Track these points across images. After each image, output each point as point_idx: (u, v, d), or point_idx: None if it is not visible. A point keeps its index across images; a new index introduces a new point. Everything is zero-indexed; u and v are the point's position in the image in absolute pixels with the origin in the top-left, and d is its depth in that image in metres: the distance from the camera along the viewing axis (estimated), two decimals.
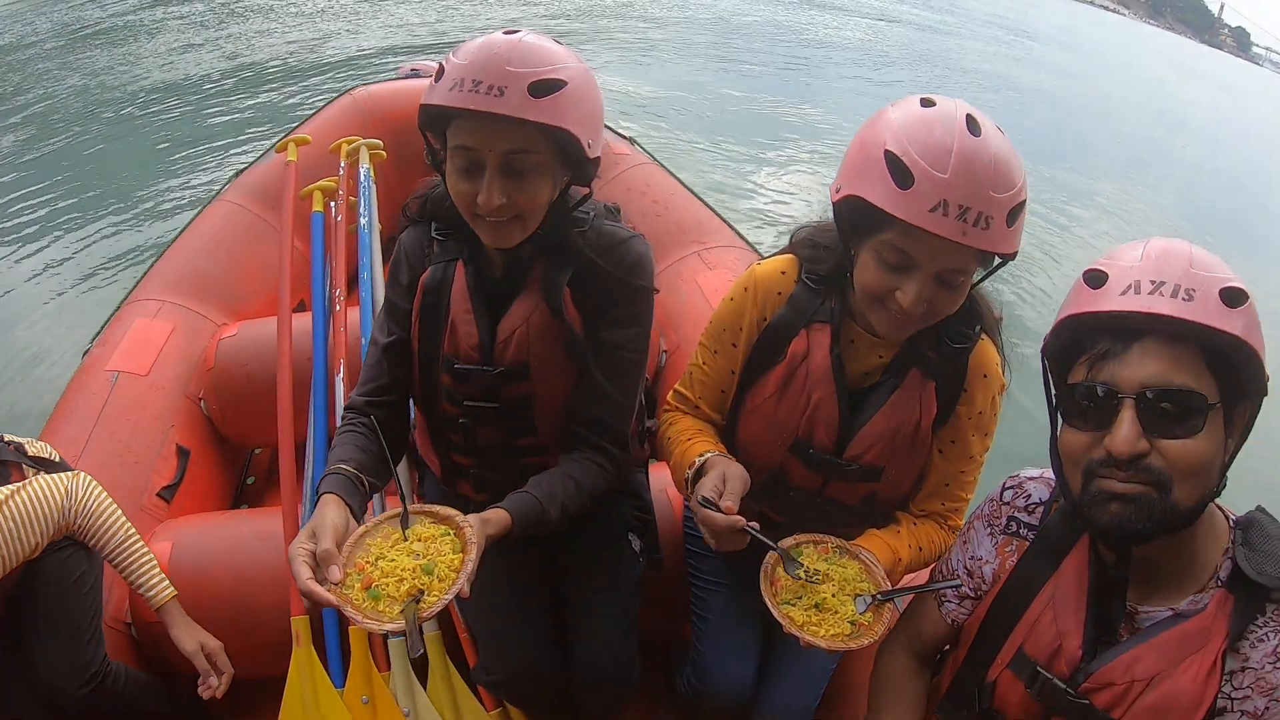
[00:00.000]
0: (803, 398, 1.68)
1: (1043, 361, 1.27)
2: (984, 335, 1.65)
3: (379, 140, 3.50)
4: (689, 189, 3.80)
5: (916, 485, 1.79)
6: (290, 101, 8.74)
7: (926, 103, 1.42)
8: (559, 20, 14.52)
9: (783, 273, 1.74)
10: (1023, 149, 1.40)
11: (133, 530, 2.02)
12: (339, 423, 1.85)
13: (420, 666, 2.14)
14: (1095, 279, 1.17)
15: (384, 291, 2.04)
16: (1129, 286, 1.12)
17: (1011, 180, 1.38)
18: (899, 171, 1.37)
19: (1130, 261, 1.15)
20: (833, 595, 1.48)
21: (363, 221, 3.11)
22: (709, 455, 1.66)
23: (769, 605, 1.46)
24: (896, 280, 1.46)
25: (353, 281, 2.95)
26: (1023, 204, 1.41)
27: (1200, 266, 1.12)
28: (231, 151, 7.34)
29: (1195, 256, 1.13)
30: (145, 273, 3.26)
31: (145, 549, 2.04)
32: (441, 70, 1.49)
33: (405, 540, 1.46)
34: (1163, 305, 1.09)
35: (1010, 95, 15.17)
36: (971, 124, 1.37)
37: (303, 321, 2.82)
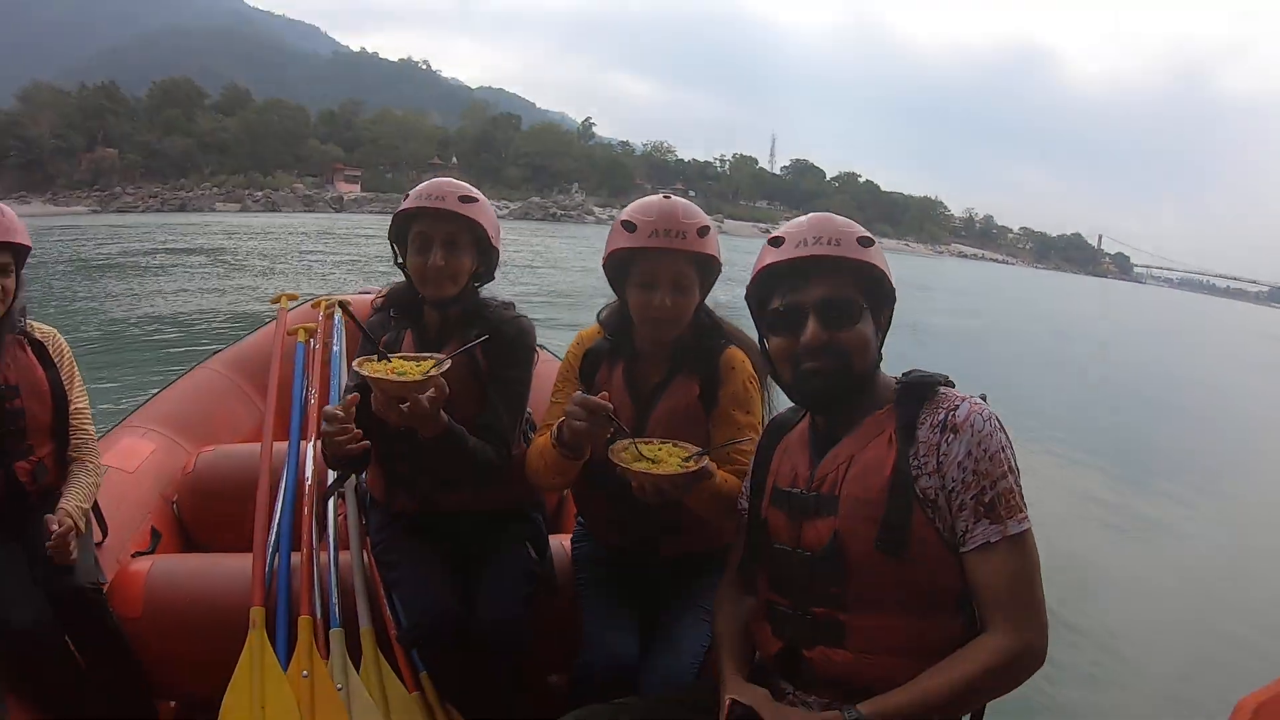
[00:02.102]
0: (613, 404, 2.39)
1: (748, 302, 2.04)
2: (730, 345, 2.52)
3: (349, 299, 4.47)
4: None
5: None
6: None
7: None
8: None
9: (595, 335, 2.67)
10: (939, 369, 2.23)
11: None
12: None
13: (354, 654, 2.63)
14: (776, 241, 1.95)
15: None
16: (800, 242, 1.89)
17: (693, 211, 2.40)
18: (627, 224, 2.37)
19: (798, 228, 1.94)
20: (666, 457, 2.14)
21: (335, 349, 4.05)
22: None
23: (615, 462, 2.09)
24: (650, 294, 2.38)
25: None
26: (708, 227, 2.39)
27: (844, 225, 1.89)
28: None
29: (839, 220, 1.93)
30: (136, 409, 4.01)
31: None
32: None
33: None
34: (821, 250, 1.86)
35: (921, 336, 18.15)
36: (666, 196, 2.45)
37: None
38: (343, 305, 4.15)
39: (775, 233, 1.96)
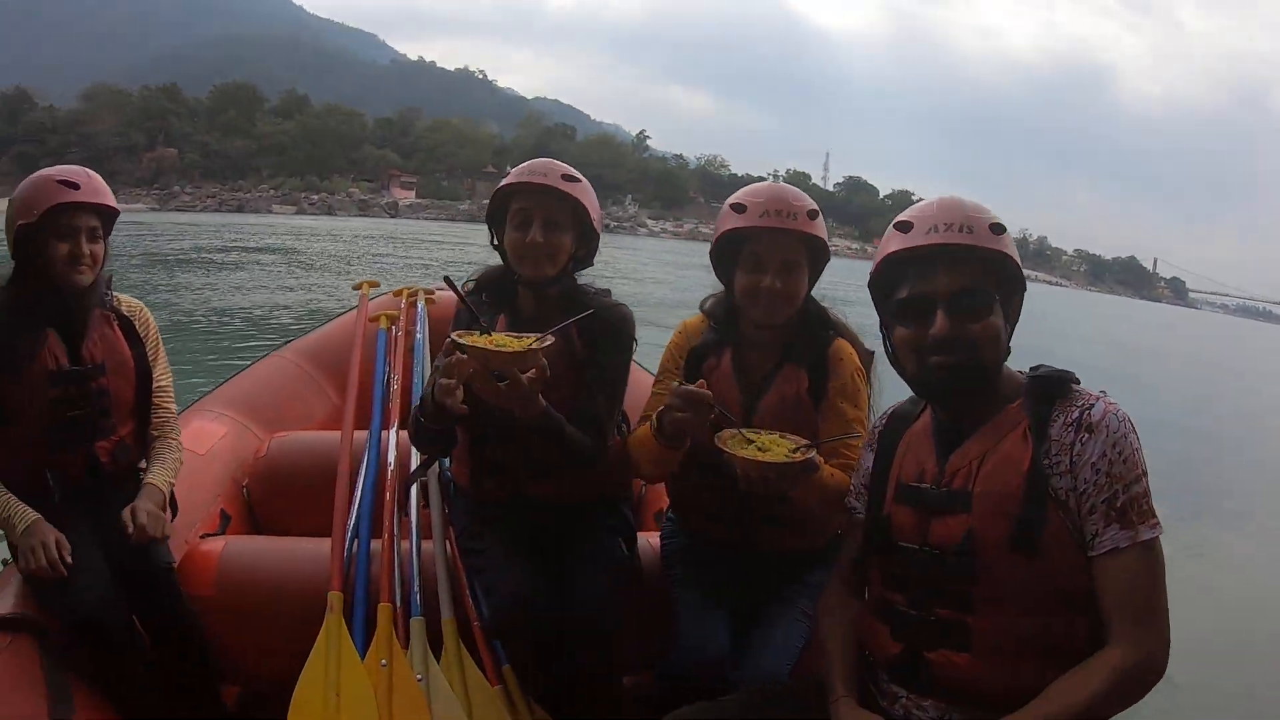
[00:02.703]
0: (717, 393, 2.32)
1: (870, 290, 1.95)
2: (838, 337, 2.48)
3: (432, 289, 4.52)
4: None
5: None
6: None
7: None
8: None
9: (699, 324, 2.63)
10: None
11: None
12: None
13: (434, 645, 2.56)
14: (904, 226, 1.86)
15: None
16: (930, 228, 1.80)
17: (801, 195, 2.39)
18: (737, 206, 2.36)
19: (926, 213, 1.84)
20: (773, 447, 2.07)
21: (419, 336, 4.04)
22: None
23: (722, 449, 2.04)
24: (759, 276, 2.34)
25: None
26: (817, 211, 2.37)
27: (975, 211, 1.79)
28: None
29: (970, 204, 1.83)
30: (209, 393, 4.00)
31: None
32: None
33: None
34: (953, 238, 1.77)
35: None
36: (774, 181, 2.45)
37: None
38: (449, 281, 4.17)
39: (902, 216, 1.88)
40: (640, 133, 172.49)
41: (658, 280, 28.58)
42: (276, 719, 2.41)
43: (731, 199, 2.39)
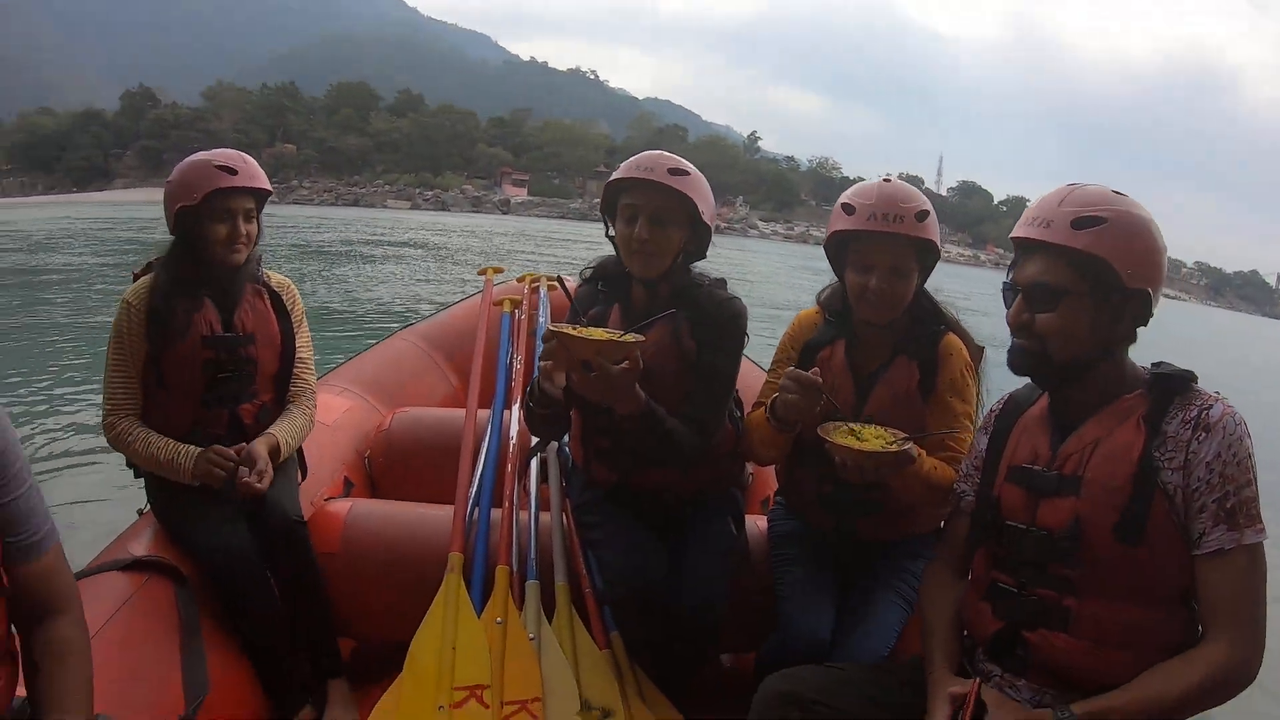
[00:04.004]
0: (829, 384, 2.40)
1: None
2: (949, 331, 2.52)
3: (554, 277, 4.66)
4: None
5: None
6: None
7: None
8: None
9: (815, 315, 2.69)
10: None
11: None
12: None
13: (547, 608, 2.71)
14: (1026, 213, 1.93)
15: None
16: (1027, 220, 1.87)
17: (912, 194, 2.38)
18: (847, 207, 2.39)
19: (1034, 205, 1.90)
20: (871, 438, 2.16)
21: (541, 321, 4.25)
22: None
23: (823, 436, 2.15)
24: (866, 277, 2.39)
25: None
26: (927, 211, 2.37)
27: (1068, 203, 1.81)
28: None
29: (1068, 196, 1.85)
30: (334, 369, 4.28)
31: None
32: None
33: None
34: (1030, 231, 1.84)
35: None
36: (886, 179, 2.42)
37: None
38: (560, 279, 4.37)
39: (1031, 208, 1.93)
40: (751, 134, 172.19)
41: (777, 283, 28.52)
42: (387, 672, 2.59)
43: (843, 197, 2.44)
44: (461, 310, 5.01)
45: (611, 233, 2.63)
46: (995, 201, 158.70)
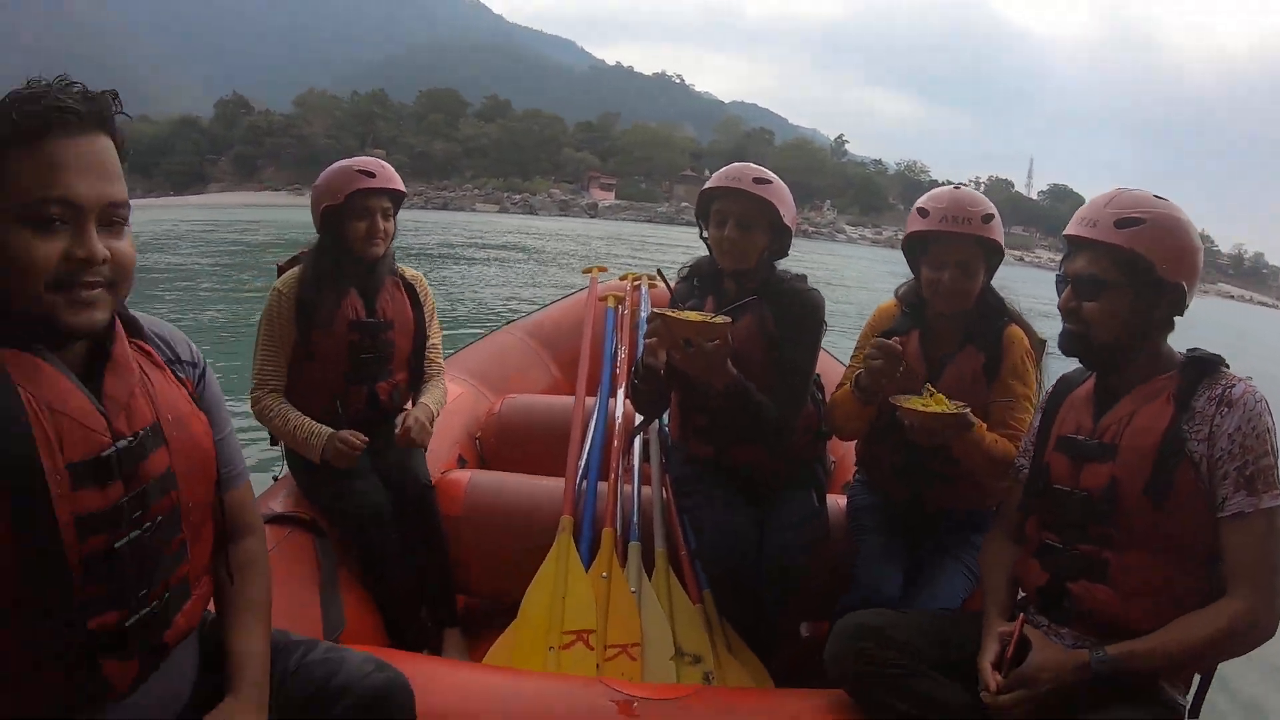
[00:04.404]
0: (905, 366, 2.70)
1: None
2: (1012, 323, 2.81)
3: (654, 273, 4.95)
4: None
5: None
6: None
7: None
8: None
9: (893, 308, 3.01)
10: None
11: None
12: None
13: (647, 567, 3.06)
14: (1076, 214, 2.21)
15: None
16: (1076, 220, 2.14)
17: (979, 199, 2.71)
18: (921, 211, 2.72)
19: (1083, 207, 2.18)
20: (936, 405, 2.45)
21: (643, 315, 4.64)
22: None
23: (894, 402, 2.47)
24: (939, 272, 2.71)
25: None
26: (992, 215, 2.69)
27: (1113, 205, 2.06)
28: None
29: (1114, 199, 2.12)
30: (445, 359, 4.59)
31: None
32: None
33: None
34: (1079, 229, 2.11)
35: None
36: (956, 186, 2.78)
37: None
38: (660, 273, 4.72)
39: (1083, 210, 2.22)
40: (838, 137, 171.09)
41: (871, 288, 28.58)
42: (496, 625, 2.95)
43: (918, 203, 2.78)
44: (560, 308, 5.45)
45: (705, 235, 3.02)
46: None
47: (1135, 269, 2.04)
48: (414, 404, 3.30)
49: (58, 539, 1.30)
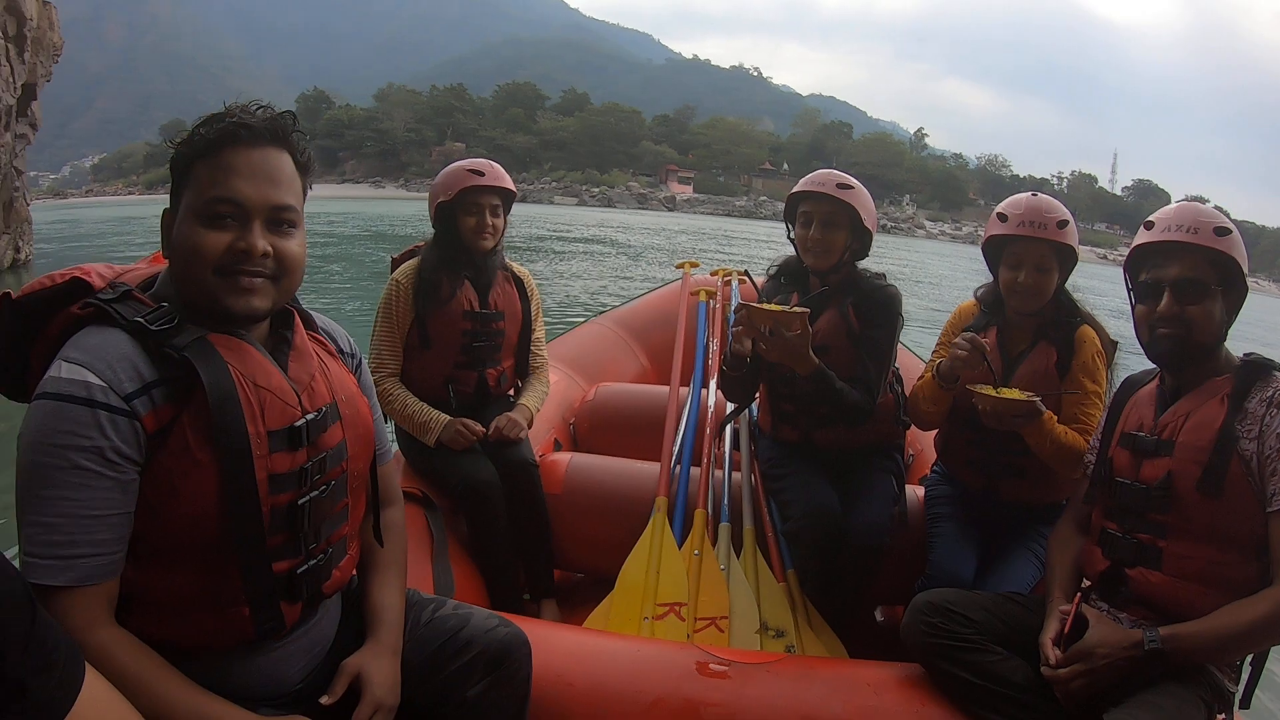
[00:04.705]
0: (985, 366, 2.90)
1: (1125, 274, 2.42)
2: (1084, 323, 2.98)
3: (744, 270, 5.16)
4: None
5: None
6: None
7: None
8: None
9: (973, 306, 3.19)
10: None
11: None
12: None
13: (735, 546, 3.27)
14: (1149, 225, 2.33)
15: None
16: (1166, 228, 2.27)
17: (1055, 206, 2.90)
18: (1001, 216, 2.91)
19: (1165, 215, 2.31)
20: (1008, 394, 2.66)
21: (732, 308, 4.68)
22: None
23: (970, 389, 2.69)
24: (1016, 273, 2.89)
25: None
26: (1067, 221, 2.87)
27: (1205, 215, 2.21)
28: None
29: (1201, 210, 2.25)
30: None
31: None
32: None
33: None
34: (1177, 235, 2.24)
35: None
36: (1034, 193, 2.95)
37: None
38: (746, 273, 4.93)
39: (1150, 217, 2.36)
40: (918, 131, 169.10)
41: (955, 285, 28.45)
42: (589, 599, 3.20)
43: (998, 208, 2.96)
44: (649, 301, 5.69)
45: (791, 235, 3.24)
46: (1174, 201, 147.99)
47: (1229, 273, 2.22)
48: (518, 392, 3.59)
49: (255, 492, 1.55)
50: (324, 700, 1.70)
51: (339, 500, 1.76)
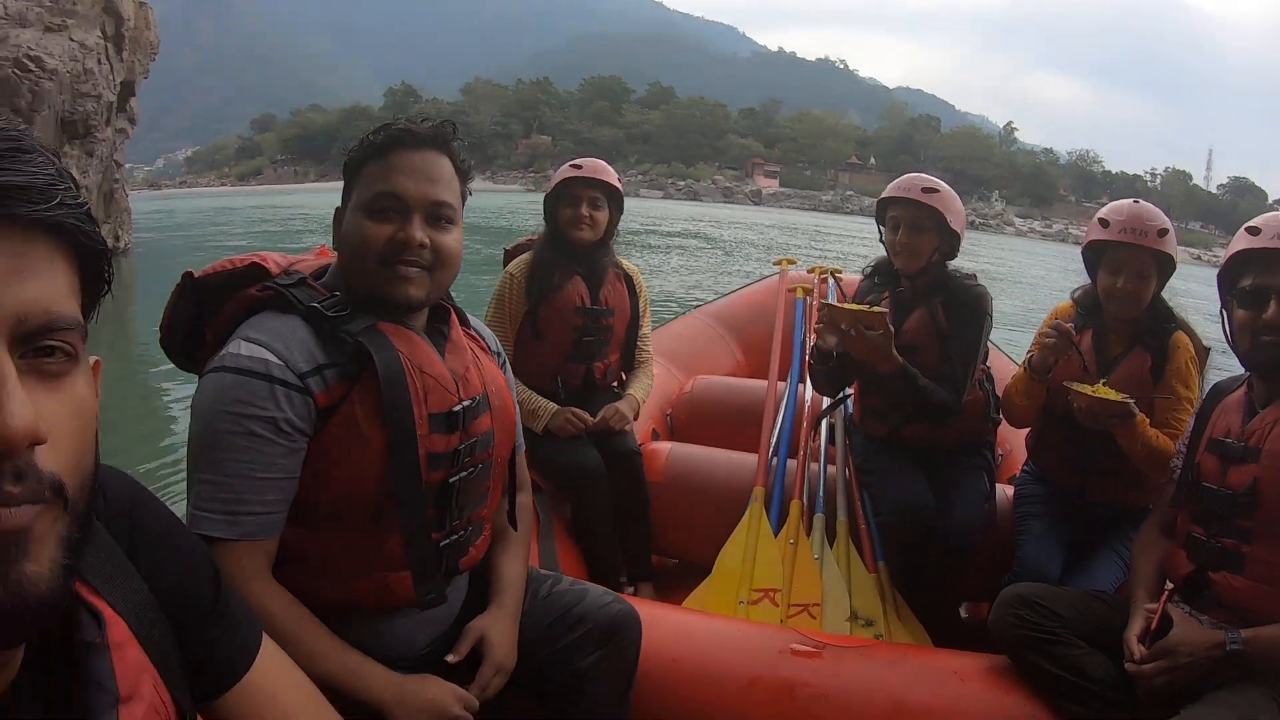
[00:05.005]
0: (1078, 364, 3.01)
1: (1219, 279, 2.43)
2: (1178, 329, 3.01)
3: (840, 268, 5.43)
4: None
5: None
6: None
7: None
8: None
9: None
10: None
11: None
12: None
13: (829, 537, 3.39)
14: (1253, 230, 2.33)
15: None
16: (1275, 234, 2.28)
17: (1155, 214, 2.91)
18: (1103, 221, 2.94)
19: (1273, 221, 2.31)
20: (1103, 393, 2.72)
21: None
22: None
23: (1066, 385, 2.78)
24: (1114, 279, 2.93)
25: None
26: (1167, 229, 2.88)
27: None
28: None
29: None
30: None
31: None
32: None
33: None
34: None
35: None
36: (1136, 200, 2.99)
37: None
38: (834, 275, 5.18)
39: (1253, 222, 2.38)
40: (1008, 124, 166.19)
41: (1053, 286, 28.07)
42: (685, 585, 3.34)
43: (1100, 213, 3.01)
44: (744, 296, 5.82)
45: (882, 238, 3.34)
46: (1270, 200, 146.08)
47: None
48: (622, 384, 3.74)
49: (418, 468, 1.73)
50: (450, 658, 1.86)
51: (483, 483, 1.92)
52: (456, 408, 1.80)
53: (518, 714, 2.07)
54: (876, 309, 2.93)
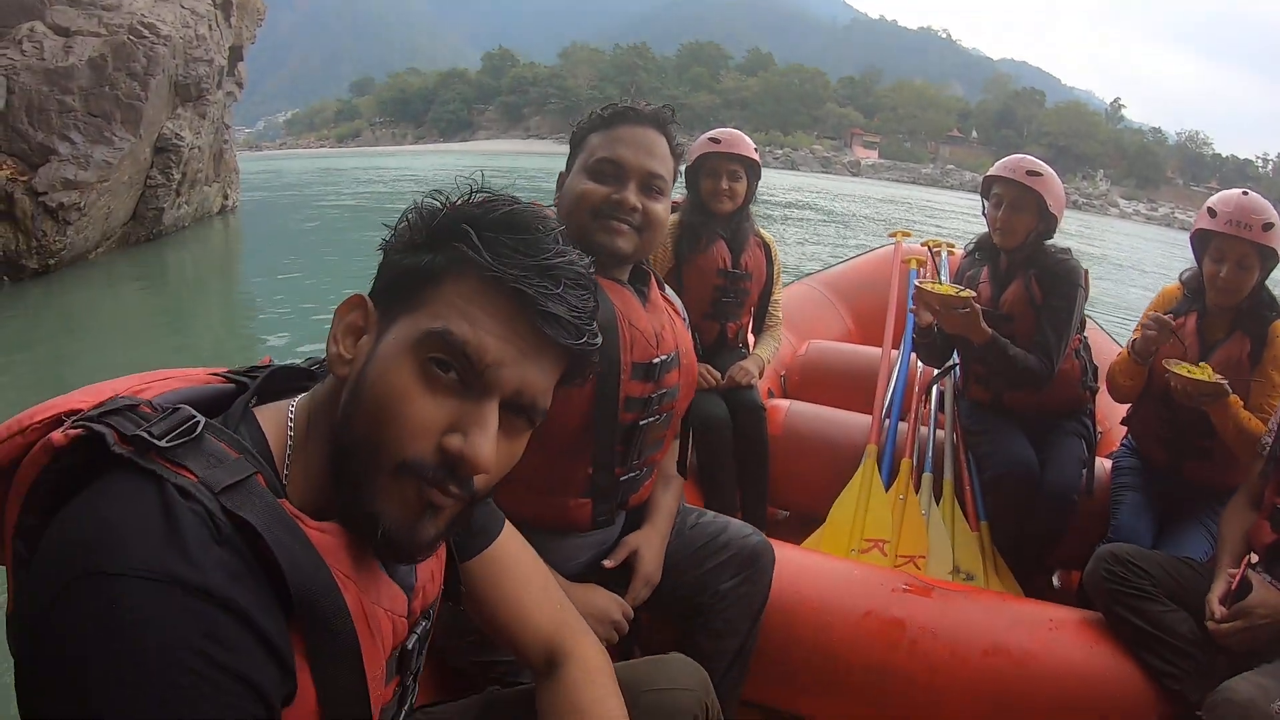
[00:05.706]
0: (1180, 346, 3.16)
1: None
2: (1278, 317, 3.11)
3: (953, 242, 5.62)
4: None
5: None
6: None
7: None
8: None
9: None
10: None
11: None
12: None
13: (936, 495, 3.64)
14: None
15: None
16: None
17: (1263, 208, 3.01)
18: (1211, 211, 3.06)
19: None
20: (1200, 374, 2.88)
21: (942, 279, 5.12)
22: None
23: (1165, 366, 2.93)
24: (1219, 267, 3.06)
25: None
26: (1272, 224, 2.97)
27: None
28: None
29: None
30: None
31: None
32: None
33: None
34: None
35: None
36: (1245, 192, 3.11)
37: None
38: (932, 251, 5.35)
39: None
40: (1115, 100, 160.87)
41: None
42: (796, 535, 3.55)
43: (1209, 202, 3.13)
44: (856, 265, 6.06)
45: (983, 211, 3.56)
46: None
47: None
48: (753, 345, 4.00)
49: (616, 410, 2.02)
50: (606, 563, 2.13)
51: (662, 430, 2.16)
52: (655, 360, 2.05)
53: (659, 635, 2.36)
54: (964, 293, 3.16)
